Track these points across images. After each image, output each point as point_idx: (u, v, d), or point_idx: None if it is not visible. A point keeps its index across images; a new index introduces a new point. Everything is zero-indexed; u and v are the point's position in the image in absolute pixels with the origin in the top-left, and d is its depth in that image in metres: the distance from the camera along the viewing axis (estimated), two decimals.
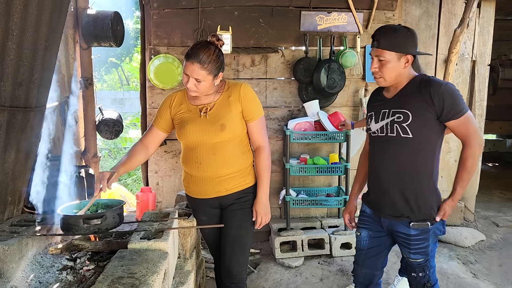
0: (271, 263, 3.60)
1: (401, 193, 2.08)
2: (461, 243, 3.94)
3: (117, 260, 1.68)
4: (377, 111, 2.14)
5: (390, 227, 2.16)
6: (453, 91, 1.96)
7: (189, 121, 2.17)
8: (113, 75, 16.87)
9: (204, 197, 2.26)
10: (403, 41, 1.97)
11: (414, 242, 2.09)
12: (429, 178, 2.06)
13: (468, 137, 1.99)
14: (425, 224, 2.05)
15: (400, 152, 2.05)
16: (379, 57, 2.00)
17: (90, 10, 3.27)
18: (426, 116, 1.98)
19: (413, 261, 2.15)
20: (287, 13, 3.79)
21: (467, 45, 4.17)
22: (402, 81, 2.05)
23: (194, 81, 2.05)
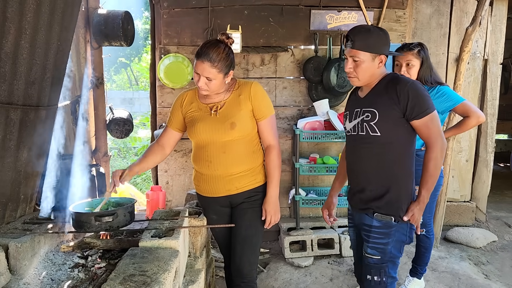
0: (280, 263, 3.59)
1: (370, 190, 2.07)
2: (473, 244, 3.89)
3: (128, 258, 1.69)
4: (351, 111, 2.15)
5: (359, 221, 2.17)
6: (419, 89, 1.94)
7: (199, 119, 2.18)
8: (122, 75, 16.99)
9: (214, 196, 2.26)
10: (377, 42, 1.97)
11: (374, 235, 2.05)
12: (400, 177, 2.03)
13: (429, 139, 1.96)
14: (389, 217, 2.02)
15: (370, 151, 2.05)
16: (353, 58, 1.99)
17: (101, 9, 3.29)
18: (392, 114, 1.96)
19: (369, 258, 2.09)
20: (297, 12, 3.78)
21: (479, 44, 4.12)
22: (375, 80, 2.05)
23: (205, 79, 2.06)
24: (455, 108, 2.65)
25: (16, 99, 1.85)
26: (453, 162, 4.00)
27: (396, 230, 2.04)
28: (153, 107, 3.83)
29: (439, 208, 3.73)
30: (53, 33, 1.95)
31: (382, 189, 2.04)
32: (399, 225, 2.03)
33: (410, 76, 2.05)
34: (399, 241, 2.07)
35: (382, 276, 2.07)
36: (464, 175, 4.36)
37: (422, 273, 3.06)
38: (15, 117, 1.87)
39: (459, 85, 3.60)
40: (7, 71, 1.75)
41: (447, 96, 2.64)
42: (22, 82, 1.85)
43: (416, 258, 3.05)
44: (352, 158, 2.18)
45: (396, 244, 2.06)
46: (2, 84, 1.74)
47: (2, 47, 1.69)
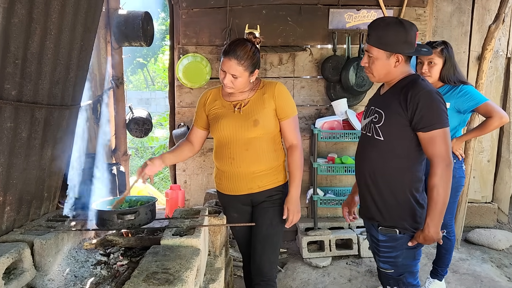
0: (298, 263, 3.58)
1: (371, 195, 1.98)
2: (495, 246, 3.81)
3: (150, 255, 1.70)
4: (368, 107, 2.05)
5: (368, 229, 2.11)
6: (432, 99, 1.76)
7: (223, 116, 2.20)
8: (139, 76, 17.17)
9: (236, 194, 2.27)
10: (393, 39, 1.82)
11: (383, 249, 1.97)
12: (401, 187, 1.90)
13: (432, 157, 1.78)
14: (393, 230, 1.90)
15: (373, 154, 1.95)
16: (368, 53, 1.89)
17: (121, 10, 3.33)
18: (398, 120, 1.83)
19: (384, 271, 2.02)
20: (315, 11, 3.76)
21: (501, 42, 4.04)
22: (394, 78, 1.91)
23: (231, 77, 2.09)
24: (477, 108, 2.60)
25: (41, 98, 1.88)
26: (474, 162, 3.93)
27: (404, 241, 1.92)
28: (172, 106, 3.85)
29: (460, 209, 3.66)
30: (77, 33, 1.98)
31: (383, 199, 1.94)
32: (405, 236, 1.91)
33: (431, 75, 1.93)
34: (410, 250, 1.95)
35: (401, 286, 2.01)
36: (485, 176, 4.28)
37: (443, 275, 3.01)
38: (40, 116, 1.91)
39: (481, 84, 3.53)
40: (32, 71, 1.78)
41: (470, 96, 2.59)
42: (47, 82, 1.88)
43: (437, 259, 3.01)
44: (358, 159, 2.09)
45: (407, 254, 1.95)
46: (27, 84, 1.77)
47: (28, 48, 1.72)
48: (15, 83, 1.71)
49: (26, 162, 1.90)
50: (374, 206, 1.97)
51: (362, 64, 1.96)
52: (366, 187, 2.01)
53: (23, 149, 1.86)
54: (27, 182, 1.94)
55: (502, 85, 4.16)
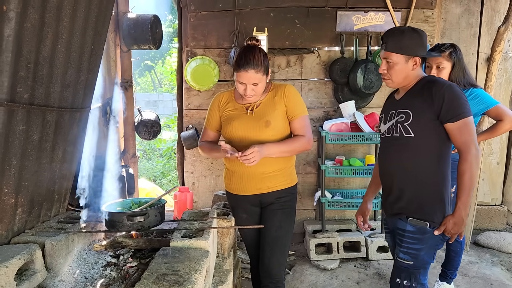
0: (306, 265, 3.57)
1: (402, 191, 2.04)
2: (505, 249, 3.78)
3: (160, 257, 1.71)
4: (386, 113, 2.14)
5: (392, 226, 2.14)
6: (455, 92, 1.90)
7: (235, 117, 2.24)
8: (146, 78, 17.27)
9: (245, 194, 2.29)
10: (410, 43, 1.95)
11: (407, 239, 2.01)
12: (433, 182, 1.98)
13: (462, 145, 1.89)
14: (424, 223, 1.97)
15: (403, 152, 2.02)
16: (387, 59, 2.00)
17: (130, 14, 3.35)
18: (426, 116, 1.93)
19: (401, 262, 2.05)
20: (323, 14, 3.76)
21: (510, 43, 4.02)
22: (410, 82, 2.03)
23: (252, 86, 2.14)
24: (488, 111, 2.59)
25: (52, 101, 1.91)
26: (483, 165, 3.91)
27: (430, 236, 1.98)
28: (180, 109, 3.87)
29: (469, 211, 3.64)
30: (87, 37, 2.01)
31: (415, 193, 2.01)
32: (432, 231, 1.97)
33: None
34: (432, 247, 2.02)
35: (412, 281, 2.04)
36: (495, 178, 4.25)
37: (452, 278, 2.99)
38: (51, 119, 1.93)
39: (490, 86, 3.51)
40: (44, 75, 1.80)
41: (480, 99, 2.58)
42: (58, 85, 1.91)
43: (446, 262, 2.99)
44: (385, 160, 2.15)
45: (429, 250, 2.01)
46: (39, 87, 1.80)
47: (40, 51, 1.74)
48: (27, 86, 1.73)
49: (38, 164, 1.93)
50: (405, 202, 2.04)
51: (380, 71, 2.05)
52: (397, 184, 2.07)
53: (35, 151, 1.88)
54: (38, 184, 1.97)
55: (511, 86, 4.12)
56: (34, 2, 1.64)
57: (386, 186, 2.17)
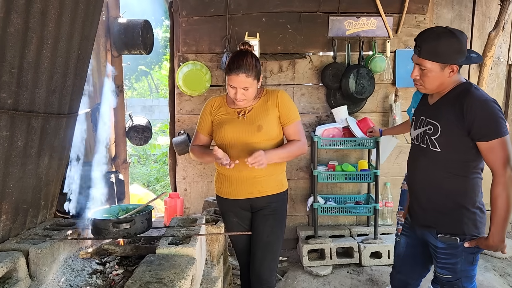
0: (298, 271, 3.55)
1: (429, 203, 1.99)
2: (498, 254, 3.76)
3: (145, 265, 1.69)
4: (418, 117, 2.04)
5: (423, 237, 2.09)
6: (490, 109, 1.75)
7: (227, 122, 2.25)
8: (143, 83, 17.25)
9: (235, 198, 2.28)
10: (447, 50, 1.77)
11: (441, 255, 1.97)
12: (461, 194, 1.90)
13: (494, 166, 1.77)
14: (454, 238, 1.90)
15: (429, 165, 1.95)
16: (420, 66, 1.85)
17: (121, 19, 3.34)
18: (456, 131, 1.82)
19: (440, 276, 2.02)
20: (315, 19, 3.76)
21: (502, 49, 4.02)
22: (446, 88, 1.89)
23: (242, 90, 2.14)
24: None
25: (38, 107, 1.88)
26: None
27: (463, 249, 1.91)
28: (172, 114, 3.86)
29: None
30: (74, 42, 1.99)
31: (442, 206, 1.94)
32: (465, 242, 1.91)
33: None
34: (469, 255, 1.94)
35: None
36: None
37: None
38: (36, 124, 1.91)
39: None
40: (29, 80, 1.78)
41: None
42: (44, 91, 1.88)
43: None
44: (413, 168, 2.08)
45: (466, 259, 1.93)
46: (24, 93, 1.78)
47: (24, 57, 1.72)
48: (11, 92, 1.71)
49: (23, 171, 1.90)
50: (434, 214, 1.97)
51: (412, 77, 1.92)
52: (423, 196, 2.01)
53: (19, 157, 1.86)
54: (24, 190, 1.94)
55: (503, 91, 4.13)
56: (17, 7, 1.62)
57: (414, 193, 2.10)
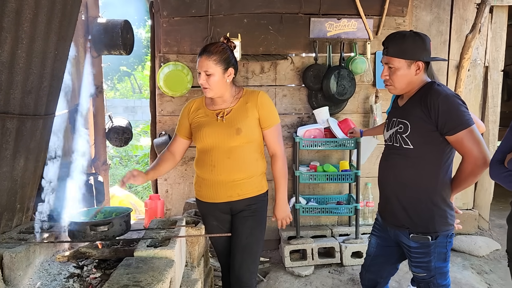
0: (280, 272, 3.56)
1: (400, 203, 2.03)
2: (475, 252, 3.85)
3: (123, 268, 1.67)
4: (390, 119, 2.12)
5: (396, 237, 2.12)
6: (451, 103, 1.84)
7: (205, 124, 2.22)
8: (126, 83, 17.05)
9: (215, 201, 2.27)
10: (412, 47, 1.91)
11: (415, 255, 2.01)
12: (432, 192, 1.96)
13: (463, 156, 1.88)
14: (426, 238, 1.95)
15: (401, 163, 2.00)
16: (388, 65, 1.96)
17: (100, 19, 3.30)
18: (425, 127, 1.89)
19: (416, 275, 2.07)
20: (296, 20, 3.78)
21: (479, 51, 4.11)
22: (414, 88, 1.98)
23: (204, 75, 2.13)
24: None
25: (13, 108, 1.85)
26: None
27: (435, 246, 1.97)
28: (153, 115, 3.83)
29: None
30: (50, 42, 1.96)
31: (414, 205, 1.98)
32: (437, 241, 1.97)
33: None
34: (441, 253, 2.00)
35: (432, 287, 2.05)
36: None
37: None
38: (11, 126, 1.87)
39: (459, 92, 3.59)
40: (3, 81, 1.75)
41: None
42: (19, 91, 1.85)
43: None
44: (385, 168, 2.13)
45: (439, 257, 2.00)
46: None
47: None
48: None
49: None
50: (404, 213, 2.01)
51: (382, 77, 2.01)
52: (395, 195, 2.05)
53: None
54: None
55: (481, 93, 4.22)
56: None
57: (385, 194, 2.14)
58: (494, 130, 4.27)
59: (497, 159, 1.71)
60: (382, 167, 2.16)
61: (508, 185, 1.66)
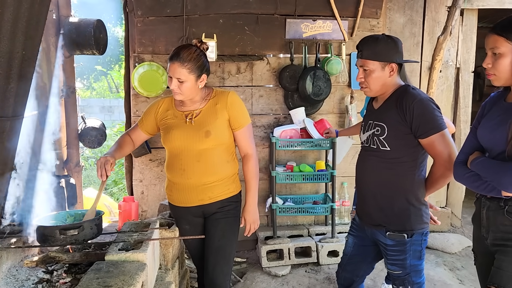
0: (257, 272, 3.56)
1: (377, 203, 2.07)
2: (448, 249, 3.94)
3: (92, 272, 1.64)
4: (366, 121, 2.16)
5: (373, 236, 2.15)
6: (425, 107, 1.90)
7: (174, 127, 2.18)
8: (103, 83, 16.78)
9: (187, 206, 2.25)
10: (385, 50, 1.97)
11: (391, 252, 2.06)
12: (408, 191, 2.01)
13: (434, 159, 1.94)
14: (401, 235, 2.00)
15: (378, 164, 2.04)
16: (363, 67, 2.01)
17: (72, 18, 3.23)
18: (401, 130, 1.95)
19: (391, 272, 2.12)
20: (272, 21, 3.79)
21: (451, 53, 4.20)
22: (388, 90, 2.04)
23: (177, 81, 2.08)
24: None
25: None
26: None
27: (411, 244, 2.01)
28: (128, 116, 3.78)
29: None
30: (17, 42, 1.90)
31: (391, 204, 2.02)
32: (412, 239, 2.01)
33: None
34: (417, 251, 2.04)
35: (407, 285, 2.08)
36: None
37: None
38: None
39: (431, 93, 3.66)
40: None
41: None
42: None
43: None
44: (362, 169, 2.17)
45: (414, 255, 2.04)
46: None
47: None
48: None
49: None
50: (382, 213, 2.06)
51: (358, 80, 2.06)
52: (372, 195, 2.09)
53: None
54: None
55: (452, 94, 4.32)
56: None
57: (362, 194, 2.18)
58: (465, 130, 4.37)
59: (460, 161, 1.75)
60: (360, 168, 2.20)
61: (471, 186, 1.70)
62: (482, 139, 1.72)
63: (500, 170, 1.53)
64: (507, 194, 1.55)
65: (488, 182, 1.59)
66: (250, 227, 2.28)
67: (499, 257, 1.64)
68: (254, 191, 2.27)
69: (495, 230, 1.67)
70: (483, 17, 4.43)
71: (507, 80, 1.61)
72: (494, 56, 1.60)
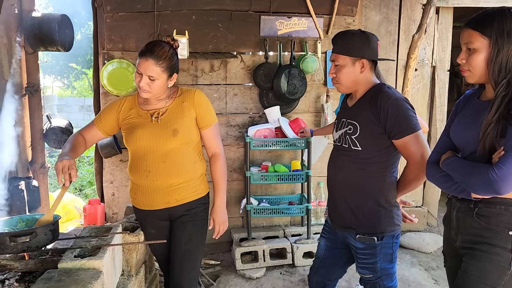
0: (231, 275, 3.48)
1: (348, 204, 2.01)
2: (423, 249, 3.92)
3: (42, 282, 1.54)
4: (339, 119, 2.10)
5: (344, 239, 2.10)
6: (400, 107, 1.84)
7: (139, 126, 2.08)
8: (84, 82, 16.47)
9: (152, 209, 2.16)
10: (358, 45, 1.91)
11: (361, 256, 2.00)
12: (378, 193, 1.95)
13: (408, 160, 1.89)
14: (371, 238, 1.94)
15: (349, 164, 1.98)
16: (335, 62, 1.97)
17: (35, 12, 3.09)
18: (374, 129, 1.89)
19: (362, 276, 2.07)
20: (246, 18, 3.71)
21: (427, 51, 4.19)
22: (361, 88, 1.98)
23: (148, 79, 1.98)
24: None
25: None
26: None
27: (381, 247, 1.96)
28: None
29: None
30: None
31: (361, 206, 1.96)
32: (383, 242, 1.95)
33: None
34: (387, 254, 1.98)
35: None
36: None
37: None
38: None
39: (407, 91, 3.63)
40: None
41: None
42: None
43: None
44: (333, 169, 2.11)
45: (385, 258, 1.98)
46: None
47: None
48: None
49: None
50: (352, 215, 1.99)
51: (330, 75, 2.02)
52: (342, 197, 2.03)
53: None
54: None
55: (428, 92, 4.31)
56: None
57: (333, 195, 2.12)
58: (441, 129, 4.37)
59: (433, 160, 1.70)
60: (331, 168, 2.14)
61: (442, 186, 1.65)
62: (454, 138, 1.67)
63: (470, 171, 1.47)
64: (476, 196, 1.50)
65: (458, 183, 1.54)
66: (219, 229, 2.20)
67: (466, 260, 1.59)
68: (222, 192, 2.20)
69: (464, 232, 1.62)
70: (460, 16, 4.43)
71: (481, 77, 1.55)
72: (468, 52, 1.54)
